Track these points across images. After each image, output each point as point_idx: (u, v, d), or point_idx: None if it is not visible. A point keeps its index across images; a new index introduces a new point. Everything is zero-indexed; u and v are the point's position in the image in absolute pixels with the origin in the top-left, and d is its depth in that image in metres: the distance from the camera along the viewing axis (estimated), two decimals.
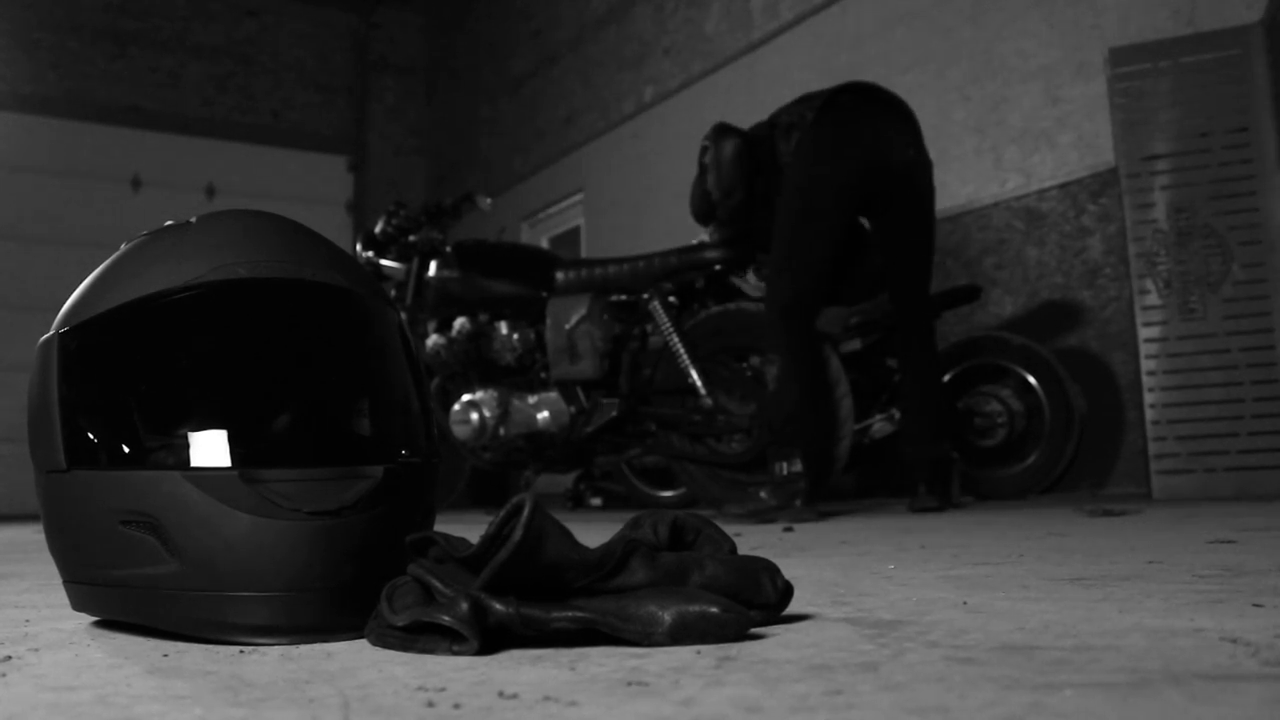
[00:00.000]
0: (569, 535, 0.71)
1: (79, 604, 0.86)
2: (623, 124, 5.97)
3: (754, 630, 0.73)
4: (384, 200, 6.13)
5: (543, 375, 3.51)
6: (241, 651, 0.72)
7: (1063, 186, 3.67)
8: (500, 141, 7.20)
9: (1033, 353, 3.35)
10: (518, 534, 0.67)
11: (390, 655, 0.68)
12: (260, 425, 0.79)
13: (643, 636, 0.67)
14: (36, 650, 0.76)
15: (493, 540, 0.69)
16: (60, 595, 0.94)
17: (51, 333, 0.83)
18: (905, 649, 0.63)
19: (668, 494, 3.96)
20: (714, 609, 0.67)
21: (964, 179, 3.93)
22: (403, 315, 0.91)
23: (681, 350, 3.20)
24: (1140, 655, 0.58)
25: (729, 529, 2.05)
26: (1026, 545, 1.43)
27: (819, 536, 1.86)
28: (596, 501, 4.69)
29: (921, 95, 3.89)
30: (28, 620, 0.95)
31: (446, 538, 0.76)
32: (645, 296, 3.34)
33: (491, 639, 0.68)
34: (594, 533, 2.00)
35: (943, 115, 4.00)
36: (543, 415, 3.40)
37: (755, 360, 3.19)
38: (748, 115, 3.43)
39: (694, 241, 3.42)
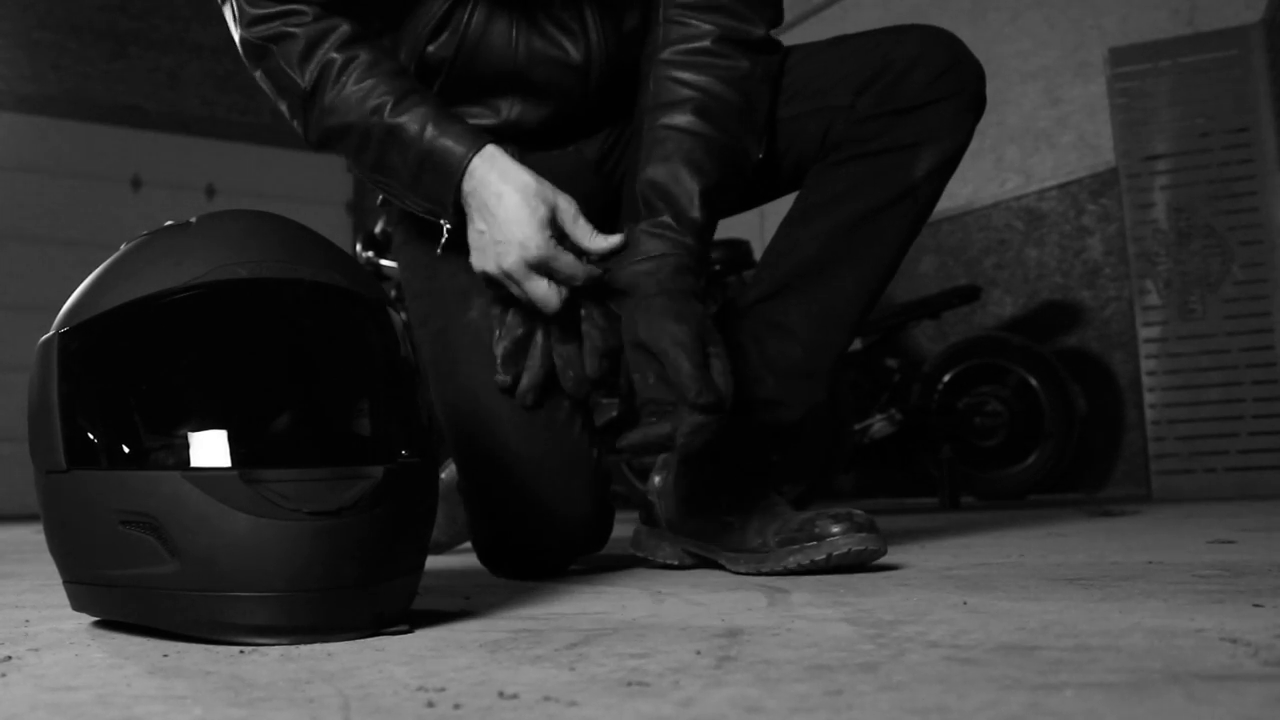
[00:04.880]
0: None
1: (79, 604, 0.86)
2: None
3: (753, 630, 0.73)
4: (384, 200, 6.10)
5: None
6: (241, 651, 0.72)
7: (1063, 186, 3.67)
8: None
9: (1033, 353, 3.35)
10: None
11: (390, 655, 0.69)
12: (260, 425, 0.79)
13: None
14: (36, 650, 0.76)
15: None
16: (60, 595, 0.94)
17: (51, 333, 0.83)
18: (905, 649, 0.63)
19: None
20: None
21: (964, 179, 3.93)
22: (403, 315, 0.92)
23: None
24: (1140, 655, 0.58)
25: None
26: (1026, 545, 1.43)
27: None
28: None
29: None
30: (28, 620, 0.95)
31: None
32: None
33: None
34: None
35: None
36: None
37: None
38: None
39: None
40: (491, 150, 1.12)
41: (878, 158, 1.24)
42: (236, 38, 1.21)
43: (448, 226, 1.17)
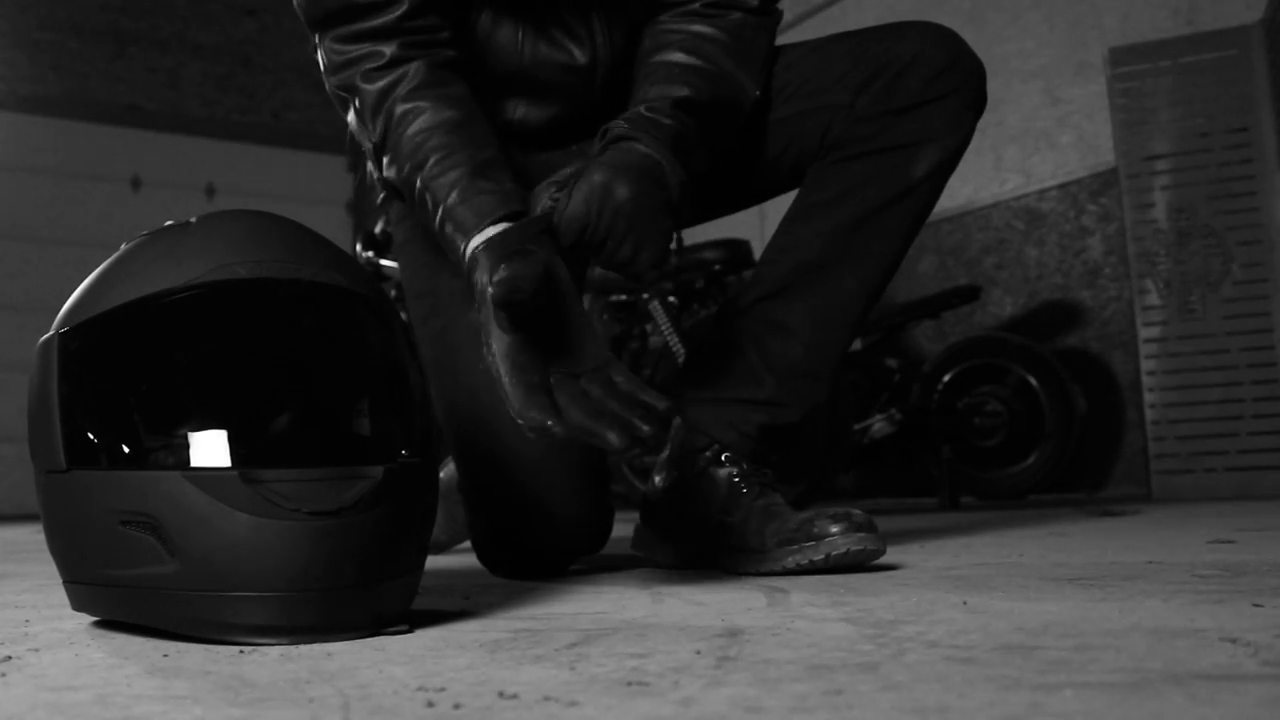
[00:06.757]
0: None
1: (79, 604, 0.86)
2: None
3: (753, 630, 0.73)
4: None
5: None
6: (241, 651, 0.73)
7: (1063, 186, 3.67)
8: None
9: (1033, 353, 3.35)
10: None
11: (390, 655, 0.69)
12: (260, 425, 0.79)
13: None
14: (36, 650, 0.76)
15: None
16: (60, 595, 0.94)
17: (51, 333, 0.83)
18: (905, 649, 0.63)
19: None
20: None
21: (964, 179, 3.93)
22: (403, 315, 0.92)
23: (682, 350, 3.20)
24: (1140, 655, 0.58)
25: None
26: (1026, 545, 1.43)
27: None
28: None
29: None
30: (28, 620, 0.95)
31: None
32: (645, 296, 3.33)
33: None
34: None
35: None
36: None
37: None
38: None
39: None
40: (490, 232, 1.05)
41: (878, 157, 1.24)
42: (329, 89, 1.21)
43: None
